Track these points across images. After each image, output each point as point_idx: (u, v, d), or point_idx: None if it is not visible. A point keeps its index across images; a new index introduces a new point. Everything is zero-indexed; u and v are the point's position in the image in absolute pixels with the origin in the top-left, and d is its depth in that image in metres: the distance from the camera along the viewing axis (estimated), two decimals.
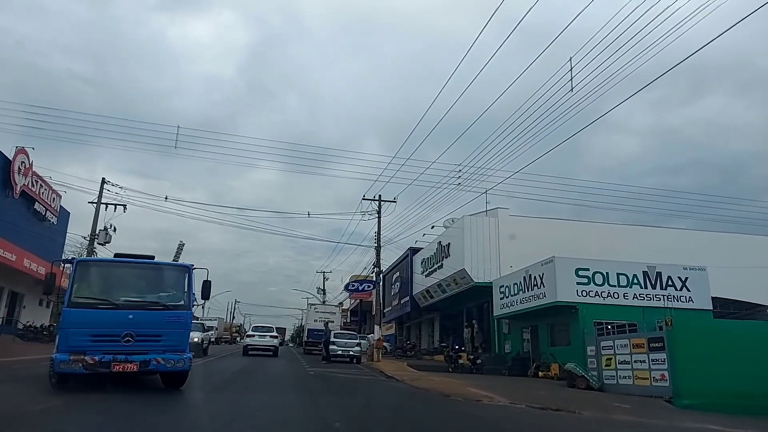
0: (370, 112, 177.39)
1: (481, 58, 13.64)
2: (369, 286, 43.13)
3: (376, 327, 25.14)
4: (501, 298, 22.29)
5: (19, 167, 24.48)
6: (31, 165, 25.52)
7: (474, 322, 26.14)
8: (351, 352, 22.53)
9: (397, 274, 38.13)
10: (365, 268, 33.84)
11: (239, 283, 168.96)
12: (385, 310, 42.29)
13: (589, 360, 16.87)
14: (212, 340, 57.47)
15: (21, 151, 24.57)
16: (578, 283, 18.29)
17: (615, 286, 18.42)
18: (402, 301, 36.23)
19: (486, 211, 26.11)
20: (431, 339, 35.22)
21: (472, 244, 24.25)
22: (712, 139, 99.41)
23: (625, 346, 15.35)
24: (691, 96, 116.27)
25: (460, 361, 21.24)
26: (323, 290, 54.30)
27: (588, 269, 18.43)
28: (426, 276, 30.43)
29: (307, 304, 38.25)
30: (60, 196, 29.40)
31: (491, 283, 23.36)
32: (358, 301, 48.67)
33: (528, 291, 19.95)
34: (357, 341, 23.51)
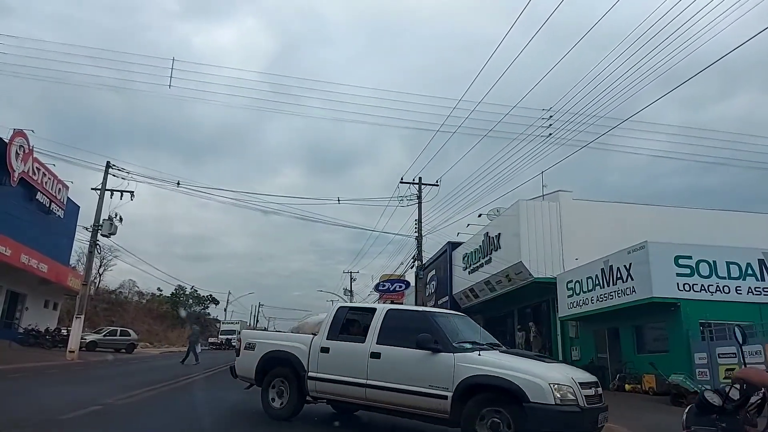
0: (393, 113, 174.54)
1: (506, 57, 13.13)
2: (401, 286, 39.76)
3: None
4: (569, 296, 18.77)
5: (17, 152, 21.94)
6: (31, 150, 22.98)
7: (531, 325, 22.58)
8: None
9: (433, 272, 34.66)
10: (401, 263, 30.55)
11: (263, 287, 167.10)
12: None
13: (697, 371, 13.40)
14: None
15: (19, 133, 22.03)
16: (678, 275, 14.69)
17: (725, 278, 14.76)
18: (439, 302, 32.73)
19: (543, 195, 22.61)
20: None
21: (530, 234, 20.71)
22: (743, 137, 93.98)
23: (757, 353, 11.87)
24: (721, 93, 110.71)
25: None
26: (350, 291, 51.12)
27: (690, 257, 14.83)
28: (469, 273, 26.97)
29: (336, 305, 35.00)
30: (67, 188, 26.92)
31: (555, 278, 19.84)
32: (388, 302, 45.49)
33: (608, 286, 16.42)
34: None
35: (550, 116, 13.47)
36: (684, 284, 14.63)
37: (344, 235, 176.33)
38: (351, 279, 52.49)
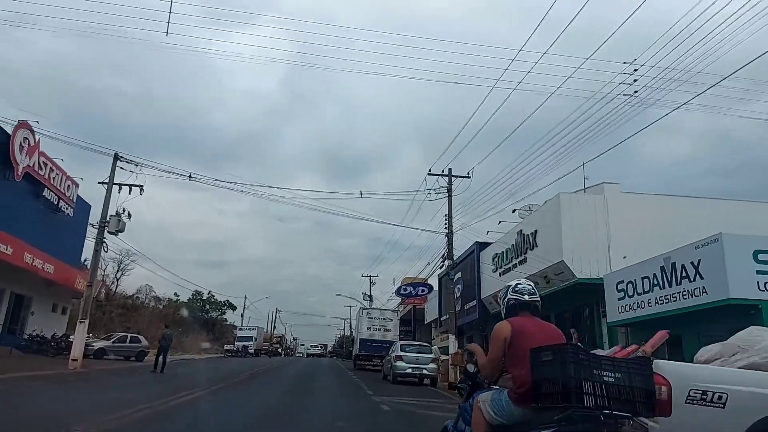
0: (409, 117, 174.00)
1: (522, 62, 12.41)
2: (424, 290, 37.93)
3: (451, 337, 20.00)
4: (620, 299, 16.74)
5: (21, 144, 20.71)
6: (37, 143, 21.74)
7: (573, 331, 20.51)
8: (425, 371, 17.12)
9: (459, 274, 32.67)
10: (428, 263, 28.85)
11: (280, 293, 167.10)
12: (441, 318, 36.98)
13: None
14: (250, 351, 53.60)
15: (23, 124, 20.78)
16: (759, 272, 12.64)
17: None
18: (466, 307, 30.78)
19: (584, 188, 20.67)
20: None
21: (572, 230, 18.80)
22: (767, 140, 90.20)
23: None
24: (744, 95, 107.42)
25: None
26: (370, 296, 49.32)
27: None
28: (501, 275, 25.03)
29: (359, 309, 33.16)
30: (77, 185, 25.68)
31: (602, 279, 17.84)
32: (408, 307, 43.55)
33: (671, 287, 14.40)
34: (432, 356, 18.13)
35: (635, 70, 11.47)
36: (765, 283, 12.58)
37: (360, 241, 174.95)
38: (370, 283, 50.82)
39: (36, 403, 9.10)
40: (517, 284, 3.63)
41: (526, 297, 3.48)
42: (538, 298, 3.53)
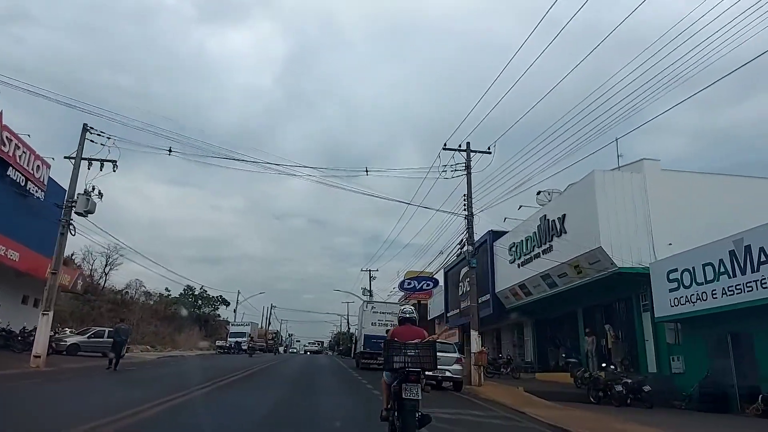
0: (407, 117, 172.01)
1: (518, 60, 12.58)
2: (429, 284, 35.58)
3: (473, 333, 17.60)
4: (672, 290, 14.40)
5: None
6: None
7: (608, 327, 18.21)
8: (448, 373, 14.40)
9: (467, 268, 30.30)
10: (441, 252, 26.57)
11: (276, 291, 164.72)
12: (449, 314, 34.64)
13: None
14: (244, 348, 51.04)
15: None
16: None
17: None
18: (478, 302, 28.36)
19: (619, 166, 18.33)
20: (520, 350, 27.29)
21: (609, 213, 16.43)
22: (763, 140, 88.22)
23: None
24: (739, 96, 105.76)
25: (618, 388, 13.46)
26: (370, 291, 46.87)
27: None
28: (520, 266, 22.69)
29: (363, 303, 30.68)
30: (48, 166, 23.05)
31: (647, 267, 15.51)
32: (412, 303, 41.19)
33: (743, 274, 12.09)
34: (455, 355, 15.47)
35: None
36: None
37: (358, 238, 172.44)
38: (370, 277, 48.42)
39: None
40: (402, 307, 6.98)
41: (407, 314, 6.58)
42: (415, 315, 6.69)
